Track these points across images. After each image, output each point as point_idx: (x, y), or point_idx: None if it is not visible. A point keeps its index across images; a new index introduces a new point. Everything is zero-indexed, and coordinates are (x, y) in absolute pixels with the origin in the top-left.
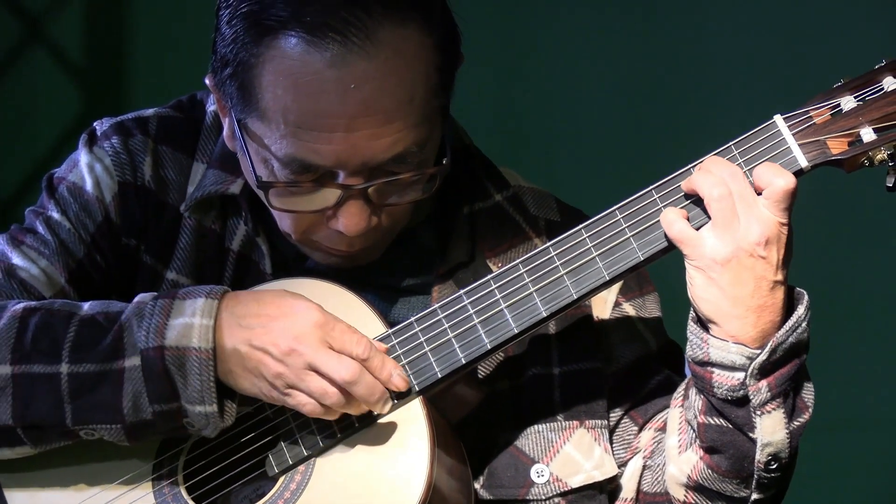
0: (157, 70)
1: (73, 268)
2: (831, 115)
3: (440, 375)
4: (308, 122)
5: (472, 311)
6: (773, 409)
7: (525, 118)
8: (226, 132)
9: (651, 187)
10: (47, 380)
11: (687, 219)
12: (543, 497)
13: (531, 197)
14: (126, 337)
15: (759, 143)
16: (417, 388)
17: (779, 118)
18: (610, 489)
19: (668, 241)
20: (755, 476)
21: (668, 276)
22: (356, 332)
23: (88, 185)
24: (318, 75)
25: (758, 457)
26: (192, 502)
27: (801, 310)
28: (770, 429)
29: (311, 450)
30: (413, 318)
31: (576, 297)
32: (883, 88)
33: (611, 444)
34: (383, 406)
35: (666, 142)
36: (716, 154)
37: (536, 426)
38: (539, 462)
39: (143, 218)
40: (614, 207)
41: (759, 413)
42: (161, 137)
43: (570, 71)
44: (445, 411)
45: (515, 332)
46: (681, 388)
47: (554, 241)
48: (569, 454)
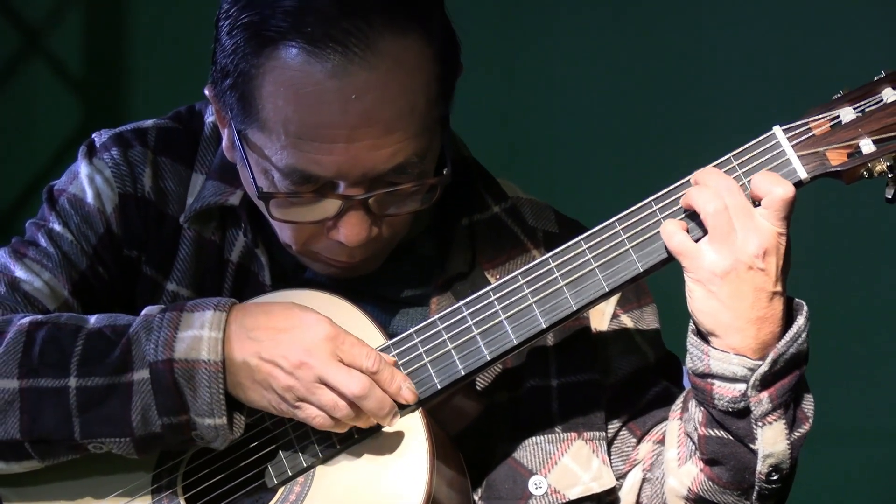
0: (156, 81)
1: (77, 280)
2: (830, 126)
3: (440, 387)
4: (309, 133)
5: (471, 323)
6: (775, 420)
7: (523, 130)
8: (225, 143)
9: (650, 199)
10: (55, 394)
11: (686, 230)
12: None
13: (529, 208)
14: (134, 350)
15: (758, 155)
16: (417, 400)
17: (778, 129)
18: (608, 501)
19: (667, 252)
20: (756, 487)
21: (666, 288)
22: (366, 345)
23: (89, 196)
24: (319, 86)
25: (759, 468)
26: None
27: (801, 321)
28: (771, 440)
29: (310, 461)
30: (412, 330)
31: (575, 309)
32: (882, 100)
33: (609, 457)
34: (392, 419)
35: (665, 152)
36: (715, 166)
37: (534, 438)
38: (537, 474)
39: (143, 229)
40: (614, 219)
41: (760, 424)
42: (160, 149)
43: (569, 83)
44: (444, 423)
45: (515, 343)
46: (679, 401)
47: (553, 252)
48: (567, 466)
